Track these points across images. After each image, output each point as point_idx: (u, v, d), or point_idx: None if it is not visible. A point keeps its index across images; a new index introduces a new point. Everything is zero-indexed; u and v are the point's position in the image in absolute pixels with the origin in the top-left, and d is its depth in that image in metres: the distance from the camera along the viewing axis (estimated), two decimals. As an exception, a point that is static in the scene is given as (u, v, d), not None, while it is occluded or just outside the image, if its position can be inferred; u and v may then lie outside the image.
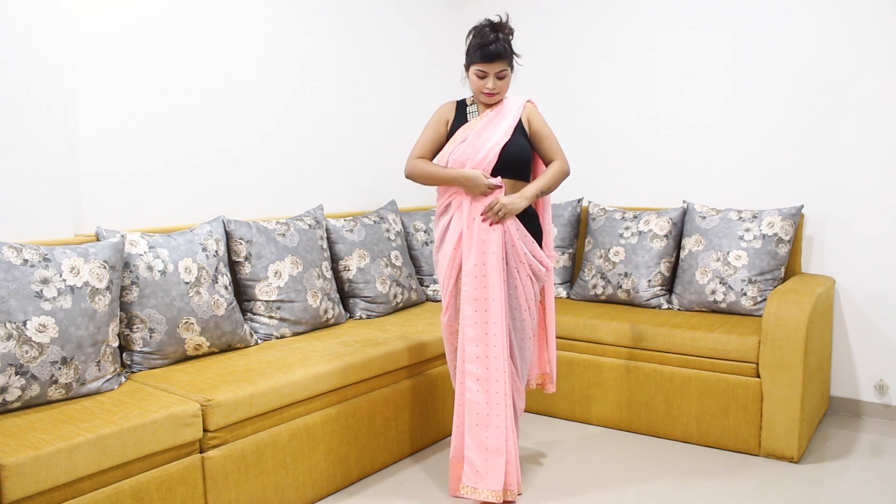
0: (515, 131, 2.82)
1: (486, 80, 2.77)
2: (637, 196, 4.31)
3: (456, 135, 2.85)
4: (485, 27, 2.75)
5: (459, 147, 2.81)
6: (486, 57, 2.72)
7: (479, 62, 2.75)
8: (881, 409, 3.70)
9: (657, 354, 3.41)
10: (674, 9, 4.12)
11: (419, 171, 2.87)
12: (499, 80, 2.78)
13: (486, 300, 2.72)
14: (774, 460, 3.17)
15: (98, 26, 2.97)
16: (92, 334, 2.45)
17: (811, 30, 3.73)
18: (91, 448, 2.10)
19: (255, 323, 3.21)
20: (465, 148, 2.79)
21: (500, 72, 2.76)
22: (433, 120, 2.93)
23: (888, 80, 3.56)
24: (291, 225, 3.42)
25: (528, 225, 2.82)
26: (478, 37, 2.75)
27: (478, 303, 2.73)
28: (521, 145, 2.83)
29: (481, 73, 2.76)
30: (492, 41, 2.71)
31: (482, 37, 2.73)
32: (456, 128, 2.88)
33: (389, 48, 4.39)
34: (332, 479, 2.88)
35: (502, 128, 2.81)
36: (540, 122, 2.90)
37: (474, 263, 2.73)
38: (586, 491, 2.92)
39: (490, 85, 2.77)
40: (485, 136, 2.80)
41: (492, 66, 2.74)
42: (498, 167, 2.77)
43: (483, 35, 2.73)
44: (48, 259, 2.42)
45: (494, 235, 2.73)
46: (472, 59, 2.76)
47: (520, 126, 2.85)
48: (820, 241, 3.79)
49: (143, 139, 3.16)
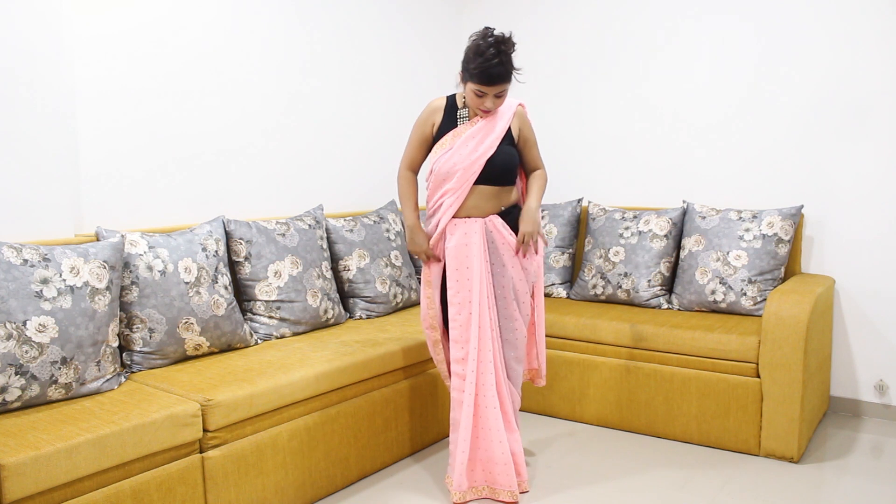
0: (503, 139, 2.77)
1: (483, 99, 2.66)
2: (637, 196, 4.31)
3: (444, 140, 2.80)
4: (488, 47, 2.55)
5: (445, 155, 2.76)
6: (487, 80, 2.58)
7: (478, 83, 2.60)
8: (881, 409, 3.70)
9: (657, 354, 3.41)
10: (676, 9, 4.12)
11: (399, 191, 2.93)
12: (497, 98, 2.67)
13: (469, 303, 2.74)
14: (774, 460, 3.17)
15: (98, 26, 2.97)
16: (92, 334, 2.45)
17: (813, 32, 3.73)
18: (91, 448, 2.10)
19: (254, 323, 3.21)
20: (451, 156, 2.74)
21: (500, 92, 2.65)
22: (419, 123, 2.87)
23: (889, 81, 3.56)
24: (291, 225, 3.42)
25: (515, 222, 2.83)
26: (479, 56, 2.56)
27: (461, 305, 2.75)
28: (508, 154, 2.79)
29: (480, 93, 2.64)
30: (494, 64, 2.55)
31: (484, 57, 2.55)
32: (443, 132, 2.82)
33: (389, 48, 4.39)
34: (332, 479, 2.88)
35: (490, 138, 2.74)
36: (528, 130, 2.87)
37: (456, 267, 2.76)
38: (586, 490, 2.92)
39: (488, 104, 2.68)
40: (472, 144, 2.73)
41: (493, 88, 2.62)
42: (483, 176, 2.75)
43: (485, 56, 2.55)
44: (48, 259, 2.42)
45: (476, 238, 2.74)
46: (471, 77, 2.61)
47: (508, 133, 2.80)
48: (820, 241, 3.79)
49: (144, 139, 3.16)
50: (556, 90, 4.55)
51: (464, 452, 2.73)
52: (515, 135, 2.84)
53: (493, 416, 2.74)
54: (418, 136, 2.87)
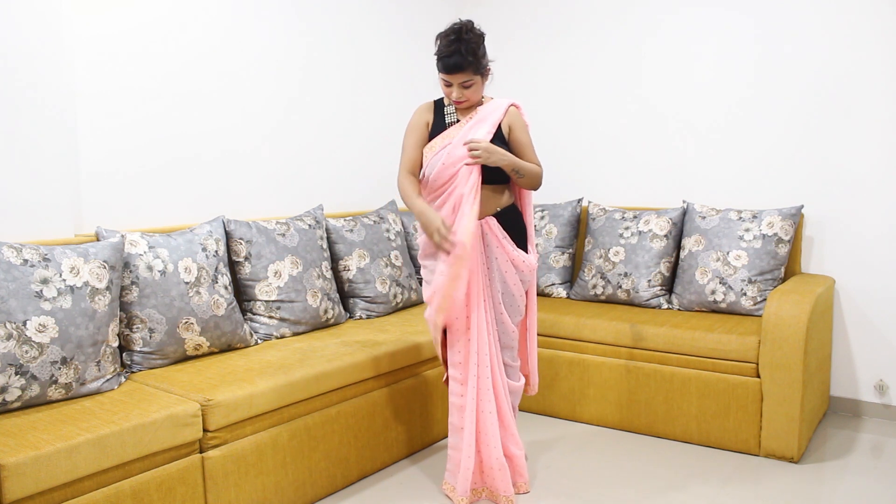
0: (493, 138, 2.73)
1: (451, 90, 2.69)
2: (637, 196, 4.31)
3: (434, 143, 2.78)
4: (448, 35, 2.64)
5: (435, 157, 2.75)
6: (447, 68, 2.63)
7: (442, 72, 2.66)
8: (881, 408, 3.70)
9: (657, 354, 3.41)
10: (676, 8, 4.12)
11: (401, 191, 2.83)
12: (465, 89, 2.68)
13: (466, 306, 2.71)
14: (774, 460, 3.17)
15: (98, 26, 2.98)
16: (92, 334, 2.45)
17: (812, 31, 3.73)
18: (91, 448, 2.10)
19: (254, 323, 3.21)
20: (442, 159, 2.72)
21: (465, 81, 2.66)
22: (413, 125, 2.85)
23: (888, 80, 3.56)
24: (291, 225, 3.42)
25: (510, 224, 2.80)
26: (440, 45, 2.65)
27: (458, 309, 2.72)
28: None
29: (446, 82, 2.68)
30: (452, 52, 2.60)
31: (443, 46, 2.63)
32: (436, 131, 2.81)
33: (389, 48, 4.39)
34: (332, 479, 2.88)
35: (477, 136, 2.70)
36: (521, 131, 2.81)
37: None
38: (586, 490, 2.92)
39: (455, 94, 2.70)
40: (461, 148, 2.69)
41: (455, 77, 2.65)
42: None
43: (445, 44, 2.63)
44: (48, 259, 2.42)
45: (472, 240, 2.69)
46: (438, 67, 2.68)
47: (499, 132, 2.76)
48: (820, 241, 3.79)
49: (143, 139, 3.16)
50: (555, 90, 4.55)
51: (469, 458, 2.73)
52: (506, 133, 2.80)
53: (490, 421, 2.74)
54: (414, 137, 2.84)
